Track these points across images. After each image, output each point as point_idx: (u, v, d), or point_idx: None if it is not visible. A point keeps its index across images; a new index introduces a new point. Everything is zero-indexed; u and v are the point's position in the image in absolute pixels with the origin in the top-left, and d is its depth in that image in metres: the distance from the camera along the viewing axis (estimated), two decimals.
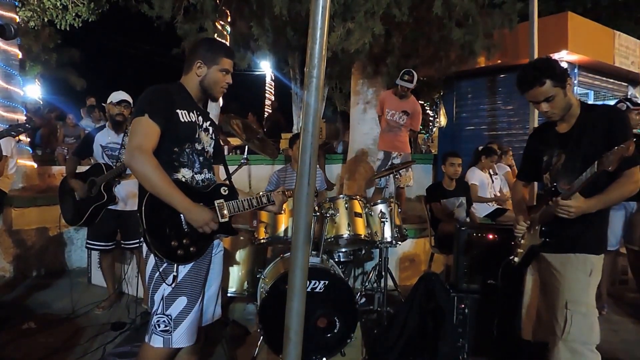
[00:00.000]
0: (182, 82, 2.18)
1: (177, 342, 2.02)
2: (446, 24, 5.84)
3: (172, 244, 1.96)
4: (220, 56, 2.14)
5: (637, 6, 11.48)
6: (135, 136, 1.93)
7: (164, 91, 2.06)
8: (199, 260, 2.07)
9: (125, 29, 21.25)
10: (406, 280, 5.05)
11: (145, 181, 1.91)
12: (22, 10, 9.89)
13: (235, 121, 4.25)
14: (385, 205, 3.86)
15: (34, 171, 6.94)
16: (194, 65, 2.13)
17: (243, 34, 7.88)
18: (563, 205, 2.11)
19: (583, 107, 2.32)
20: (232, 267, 3.62)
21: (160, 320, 2.00)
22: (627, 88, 9.43)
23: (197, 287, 2.07)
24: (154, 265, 2.01)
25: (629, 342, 3.64)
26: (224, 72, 2.16)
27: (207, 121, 2.21)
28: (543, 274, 2.42)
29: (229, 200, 2.14)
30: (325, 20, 1.58)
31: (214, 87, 2.16)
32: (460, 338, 3.23)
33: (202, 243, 2.07)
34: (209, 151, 2.22)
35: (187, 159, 2.08)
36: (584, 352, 2.18)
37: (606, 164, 1.89)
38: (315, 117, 1.64)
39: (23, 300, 4.46)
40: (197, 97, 2.18)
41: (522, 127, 8.18)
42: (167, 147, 2.01)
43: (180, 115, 2.04)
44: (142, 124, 1.94)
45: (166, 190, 1.91)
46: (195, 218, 1.97)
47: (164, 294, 2.01)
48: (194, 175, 2.10)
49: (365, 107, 7.16)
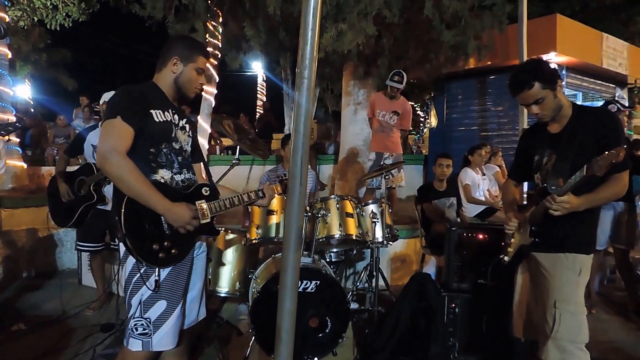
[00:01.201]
0: (155, 80, 2.12)
1: (158, 346, 1.98)
2: (436, 26, 5.88)
3: (153, 247, 1.91)
4: (197, 54, 2.10)
5: (624, 8, 11.64)
6: (107, 138, 1.87)
7: (136, 91, 2.00)
8: (179, 263, 2.03)
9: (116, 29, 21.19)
10: (397, 280, 5.08)
11: (121, 184, 1.85)
12: (12, 9, 9.78)
13: (227, 122, 4.25)
14: (376, 205, 3.88)
15: (23, 172, 6.88)
16: (170, 62, 2.08)
17: (235, 34, 7.89)
18: (560, 201, 2.10)
19: (575, 108, 2.33)
20: (224, 267, 3.61)
21: (138, 324, 1.96)
22: (615, 89, 9.56)
23: (177, 290, 2.03)
24: (133, 269, 1.96)
25: (618, 341, 3.68)
26: (199, 71, 2.12)
27: (183, 119, 2.17)
28: (533, 272, 2.44)
29: (210, 200, 2.10)
30: (317, 22, 1.60)
31: (188, 85, 2.12)
32: (451, 337, 3.26)
33: (184, 245, 2.02)
34: (187, 150, 2.18)
35: (165, 160, 2.04)
36: (573, 350, 2.20)
37: (595, 168, 1.91)
38: (307, 118, 1.65)
39: (13, 301, 4.42)
40: (171, 95, 2.13)
41: (511, 127, 8.26)
42: (144, 148, 1.97)
43: (154, 115, 1.99)
44: (114, 126, 1.88)
45: (144, 192, 1.86)
46: (176, 218, 1.93)
47: (142, 298, 1.96)
48: (173, 175, 2.06)
49: (356, 108, 7.20)
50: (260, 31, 6.82)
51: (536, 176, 2.44)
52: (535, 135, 2.49)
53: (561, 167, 2.25)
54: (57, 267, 5.50)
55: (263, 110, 13.97)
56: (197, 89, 2.17)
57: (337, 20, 5.51)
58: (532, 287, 2.47)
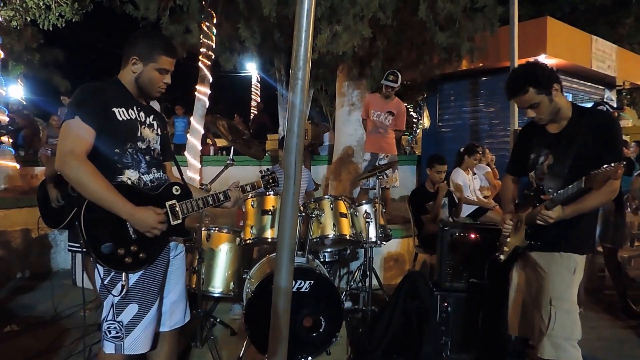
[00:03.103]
0: (119, 77, 2.03)
1: (130, 349, 1.93)
2: (430, 28, 5.93)
3: (118, 253, 1.83)
4: (157, 54, 1.97)
5: (612, 11, 11.77)
6: (66, 140, 1.79)
7: (97, 90, 1.90)
8: (151, 266, 1.96)
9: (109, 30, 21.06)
10: (390, 279, 5.12)
11: (80, 188, 1.78)
12: (4, 9, 9.74)
13: (221, 122, 4.26)
14: (370, 205, 3.91)
15: (16, 172, 6.85)
16: (130, 61, 1.97)
17: (229, 35, 7.89)
18: (544, 215, 2.18)
19: (575, 109, 2.32)
20: (218, 267, 3.63)
21: (110, 327, 1.92)
22: (604, 91, 9.66)
23: (149, 294, 1.97)
24: (100, 276, 1.90)
25: (606, 338, 3.73)
26: (162, 71, 2.00)
27: (149, 116, 2.07)
28: (528, 271, 2.48)
29: (181, 200, 2.03)
30: (311, 23, 1.62)
31: (150, 86, 2.01)
32: (443, 336, 3.29)
33: (152, 248, 1.95)
34: (155, 149, 2.08)
35: (131, 160, 1.94)
36: (567, 347, 2.24)
37: (593, 182, 1.92)
38: (301, 119, 1.67)
39: (6, 302, 4.40)
40: (135, 93, 2.03)
41: (503, 128, 8.34)
42: (107, 149, 1.88)
43: (117, 114, 1.90)
44: (73, 127, 1.80)
45: (105, 196, 1.78)
46: (140, 223, 1.85)
47: (114, 301, 1.91)
48: (140, 176, 1.97)
49: (350, 108, 7.23)
50: (254, 32, 6.84)
51: (530, 174, 2.45)
52: (533, 133, 2.47)
53: (558, 169, 2.27)
54: (51, 268, 5.48)
55: (257, 111, 13.96)
56: (160, 89, 2.05)
57: (332, 22, 5.54)
58: (528, 285, 2.50)
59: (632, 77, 9.82)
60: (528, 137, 2.51)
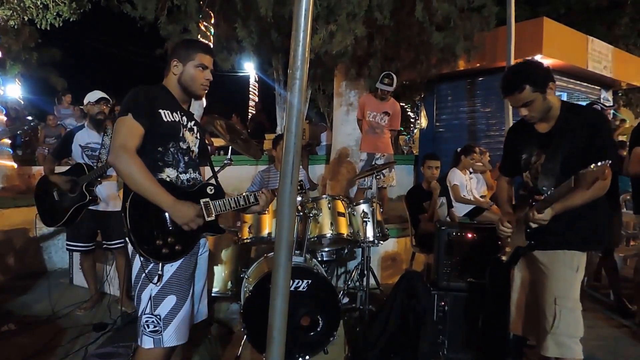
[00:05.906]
0: (164, 83, 2.18)
1: (168, 342, 2.01)
2: (427, 28, 5.95)
3: (156, 243, 1.95)
4: (195, 52, 2.13)
5: (608, 12, 11.80)
6: (119, 135, 1.94)
7: (147, 91, 2.06)
8: (186, 258, 2.06)
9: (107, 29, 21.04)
10: (388, 278, 5.13)
11: (129, 180, 1.91)
12: (2, 8, 9.71)
13: (219, 122, 4.26)
14: (367, 205, 3.92)
15: (14, 172, 6.85)
16: (171, 65, 2.14)
17: (227, 35, 7.89)
18: (537, 218, 2.18)
19: (564, 107, 2.33)
20: (216, 266, 3.63)
21: (149, 321, 1.99)
22: (600, 91, 9.69)
23: (185, 285, 2.06)
24: (140, 266, 2.00)
25: (604, 337, 3.74)
26: (201, 67, 2.14)
27: (191, 121, 2.22)
28: (531, 270, 2.48)
29: (215, 199, 2.13)
30: (308, 23, 1.62)
31: (192, 83, 2.15)
32: (440, 335, 3.30)
33: (187, 241, 2.06)
34: (194, 151, 2.21)
35: (171, 159, 2.07)
36: (570, 344, 2.26)
37: (582, 182, 1.91)
38: (299, 118, 1.68)
39: (3, 302, 4.40)
40: (180, 98, 2.18)
41: (499, 128, 8.35)
42: (152, 146, 2.02)
43: (163, 115, 2.04)
44: (125, 123, 1.95)
45: (150, 189, 1.91)
46: (180, 215, 1.97)
47: (152, 293, 1.99)
48: (178, 174, 2.09)
49: (347, 108, 7.25)
50: (252, 32, 6.84)
51: (525, 175, 2.45)
52: (522, 132, 2.47)
53: (551, 167, 2.28)
54: (48, 267, 5.48)
55: (255, 111, 13.97)
56: (203, 85, 2.18)
57: (329, 21, 5.55)
58: (531, 283, 2.50)
59: (628, 77, 9.85)
60: (517, 138, 2.52)
